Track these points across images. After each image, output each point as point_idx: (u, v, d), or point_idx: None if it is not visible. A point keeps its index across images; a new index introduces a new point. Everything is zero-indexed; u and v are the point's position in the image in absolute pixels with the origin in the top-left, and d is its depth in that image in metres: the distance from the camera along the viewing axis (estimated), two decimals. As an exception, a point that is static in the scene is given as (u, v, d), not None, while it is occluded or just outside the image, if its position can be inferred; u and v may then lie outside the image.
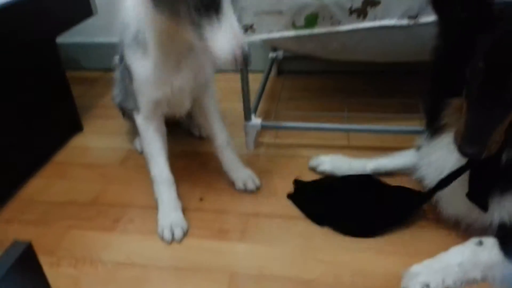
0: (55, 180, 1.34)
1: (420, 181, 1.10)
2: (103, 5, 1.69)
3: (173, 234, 1.07)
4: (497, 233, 0.92)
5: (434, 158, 0.99)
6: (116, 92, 1.33)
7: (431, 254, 0.93)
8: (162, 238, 1.08)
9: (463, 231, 1.00)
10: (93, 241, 1.09)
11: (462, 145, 0.80)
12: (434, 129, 0.99)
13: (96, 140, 1.54)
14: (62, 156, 1.45)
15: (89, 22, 1.65)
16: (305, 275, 0.96)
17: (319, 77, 1.80)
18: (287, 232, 1.08)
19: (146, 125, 1.12)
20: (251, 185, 1.22)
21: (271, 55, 1.80)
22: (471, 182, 0.90)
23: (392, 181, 1.18)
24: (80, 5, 1.58)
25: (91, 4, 1.62)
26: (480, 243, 0.91)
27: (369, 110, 1.48)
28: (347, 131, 1.43)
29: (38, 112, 1.40)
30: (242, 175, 1.23)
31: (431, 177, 1.03)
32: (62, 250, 1.07)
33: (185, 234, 1.09)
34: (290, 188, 1.21)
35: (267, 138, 1.44)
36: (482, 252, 0.90)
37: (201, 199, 1.21)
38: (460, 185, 0.92)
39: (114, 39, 1.78)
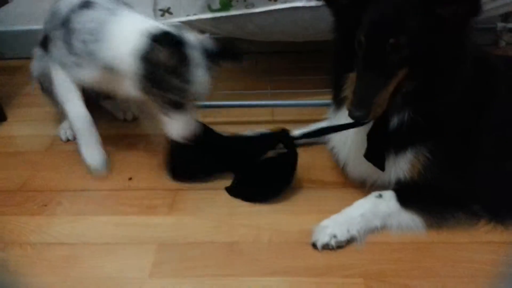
0: (-22, 170, 1.32)
1: (331, 149, 1.22)
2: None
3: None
4: (394, 187, 1.06)
5: None
6: (35, 65, 1.34)
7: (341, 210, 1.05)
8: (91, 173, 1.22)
9: (368, 189, 1.12)
10: (21, 226, 1.11)
11: (350, 110, 0.91)
12: (337, 101, 1.11)
13: (20, 129, 1.52)
14: (-15, 146, 1.43)
15: (7, 10, 1.61)
16: (228, 238, 1.04)
17: (244, 58, 1.87)
18: (212, 203, 1.15)
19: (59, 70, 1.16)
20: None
21: (198, 37, 1.85)
22: (368, 144, 1.03)
23: (309, 151, 1.29)
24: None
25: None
26: (380, 196, 1.04)
27: (290, 87, 1.58)
28: (270, 106, 1.53)
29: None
30: None
31: (338, 145, 1.16)
32: (-12, 236, 1.08)
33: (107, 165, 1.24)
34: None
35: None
36: (381, 204, 1.03)
37: (130, 179, 1.25)
38: (362, 150, 1.05)
39: (33, 26, 1.76)
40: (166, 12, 1.25)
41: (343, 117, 1.08)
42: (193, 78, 1.01)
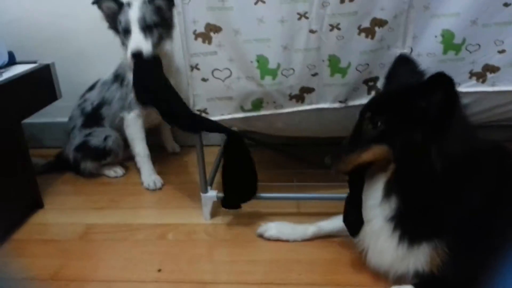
0: (14, 258, 1.36)
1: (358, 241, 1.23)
2: (67, 90, 1.83)
3: (155, 184, 1.69)
4: (413, 280, 1.06)
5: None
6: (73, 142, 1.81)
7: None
8: (148, 188, 1.69)
9: (392, 280, 1.11)
10: (52, 318, 1.12)
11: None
12: None
13: (56, 216, 1.58)
14: (22, 233, 1.48)
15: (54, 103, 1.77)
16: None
17: (269, 150, 1.96)
18: (241, 297, 1.15)
19: (135, 119, 1.72)
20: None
21: (226, 131, 1.96)
22: (344, 210, 1.18)
23: (333, 242, 1.32)
24: (46, 90, 1.70)
25: (56, 89, 1.74)
26: None
27: (316, 180, 1.63)
28: (296, 199, 1.57)
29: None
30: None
31: (362, 234, 1.17)
32: (20, 328, 1.09)
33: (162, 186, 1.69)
34: (247, 255, 1.31)
35: (222, 209, 1.54)
36: None
37: (159, 270, 1.27)
38: (381, 238, 1.07)
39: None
40: (203, 112, 1.36)
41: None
42: (129, 10, 1.50)
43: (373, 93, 1.33)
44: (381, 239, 1.08)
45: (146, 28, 1.51)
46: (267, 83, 1.30)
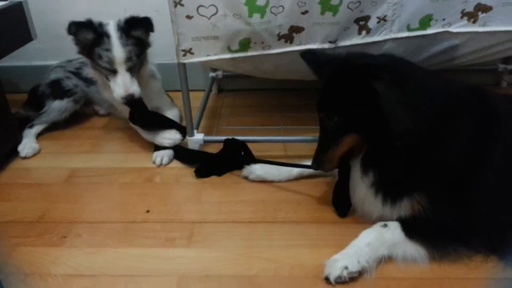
0: (-2, 202, 1.34)
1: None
2: (42, 30, 1.73)
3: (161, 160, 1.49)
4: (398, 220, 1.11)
5: None
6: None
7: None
8: (154, 163, 1.49)
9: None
10: (41, 257, 1.12)
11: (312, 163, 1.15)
12: None
13: (38, 161, 1.55)
14: (4, 178, 1.45)
15: (27, 45, 1.68)
16: (247, 272, 1.06)
17: (257, 94, 1.94)
18: (230, 235, 1.17)
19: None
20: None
21: (211, 74, 1.92)
22: (333, 193, 1.23)
23: (319, 182, 1.35)
24: (19, 30, 1.60)
25: (30, 29, 1.65)
26: (385, 225, 1.09)
27: (302, 124, 1.63)
28: (283, 142, 1.57)
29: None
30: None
31: (352, 188, 1.20)
32: (10, 267, 1.09)
33: (170, 161, 1.49)
34: (234, 196, 1.32)
35: (210, 151, 1.54)
36: (387, 233, 1.07)
37: (147, 211, 1.27)
38: (368, 207, 1.15)
39: (51, 62, 1.83)
40: (188, 52, 1.31)
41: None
42: (110, 46, 1.37)
43: (364, 33, 1.30)
44: (366, 204, 1.15)
45: (132, 67, 1.42)
46: (255, 22, 1.25)
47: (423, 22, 1.29)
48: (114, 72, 1.40)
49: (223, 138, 1.53)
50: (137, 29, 1.40)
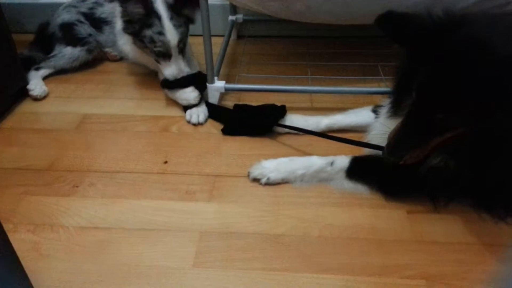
0: (5, 147, 1.25)
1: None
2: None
3: (198, 118, 1.33)
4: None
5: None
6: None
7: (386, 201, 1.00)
8: (190, 122, 1.33)
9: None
10: (51, 207, 1.04)
11: (385, 152, 0.89)
12: (396, 109, 0.99)
13: (46, 105, 1.44)
14: (11, 122, 1.36)
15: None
16: (274, 230, 0.97)
17: (280, 42, 1.79)
18: (254, 191, 1.08)
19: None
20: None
21: (231, 18, 1.77)
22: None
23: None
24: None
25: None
26: (331, 164, 1.07)
27: (331, 73, 1.50)
28: (310, 92, 1.45)
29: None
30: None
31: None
32: (18, 216, 1.01)
33: (206, 119, 1.34)
34: (258, 149, 1.22)
35: (231, 101, 1.42)
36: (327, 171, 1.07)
37: (165, 162, 1.18)
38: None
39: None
40: (210, -14, 1.17)
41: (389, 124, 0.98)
42: (163, 29, 1.26)
43: (411, -31, 1.13)
44: None
45: (183, 48, 1.34)
46: (289, -50, 1.09)
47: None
48: (167, 56, 1.31)
49: (244, 86, 1.42)
50: (187, 7, 1.30)
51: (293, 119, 1.27)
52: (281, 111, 1.28)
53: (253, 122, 1.29)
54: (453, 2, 1.21)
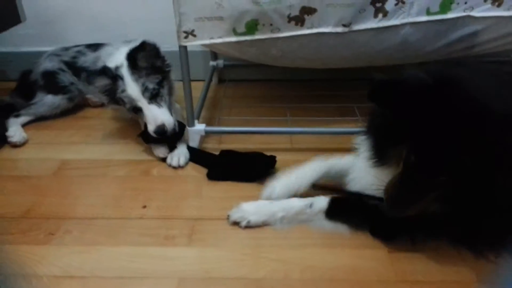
0: (-20, 194, 1.22)
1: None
2: (32, 15, 1.61)
3: (178, 161, 1.33)
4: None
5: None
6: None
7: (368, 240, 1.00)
8: (170, 165, 1.33)
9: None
10: (25, 256, 1.01)
11: (387, 206, 0.90)
12: (380, 160, 0.99)
13: (26, 151, 1.43)
14: (-12, 169, 1.34)
15: (16, 31, 1.56)
16: (255, 274, 0.96)
17: (259, 85, 1.84)
18: (234, 233, 1.07)
19: None
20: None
21: (212, 63, 1.82)
22: None
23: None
24: (7, 10, 1.48)
25: (19, 10, 1.53)
26: (311, 206, 1.07)
27: (309, 115, 1.53)
28: (289, 133, 1.47)
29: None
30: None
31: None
32: (-11, 267, 0.98)
33: (187, 162, 1.34)
34: (239, 191, 1.22)
35: (212, 144, 1.44)
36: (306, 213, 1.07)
37: (144, 207, 1.17)
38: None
39: (41, 48, 1.72)
40: (190, 34, 1.20)
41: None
42: (125, 87, 1.30)
43: (380, 16, 1.20)
44: None
45: (156, 96, 1.33)
46: (264, 1, 1.15)
47: (443, 5, 1.20)
48: (139, 109, 1.32)
49: (225, 129, 1.44)
50: (142, 59, 1.30)
51: (286, 183, 1.16)
52: (271, 161, 1.28)
53: (241, 170, 1.28)
54: (421, 46, 1.29)
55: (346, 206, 1.07)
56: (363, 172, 1.05)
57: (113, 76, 1.30)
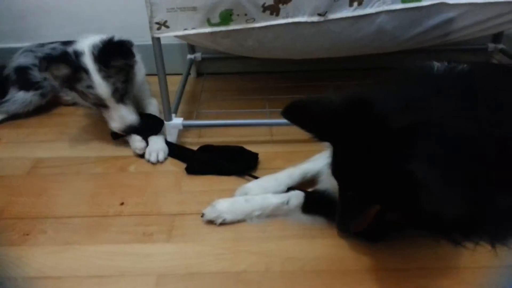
0: (-51, 197, 1.18)
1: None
2: (3, 10, 1.56)
3: (157, 157, 1.30)
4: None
5: None
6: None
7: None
8: (149, 160, 1.30)
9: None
10: (-1, 258, 0.98)
11: (336, 225, 0.95)
12: None
13: (-1, 151, 1.39)
14: (-42, 170, 1.29)
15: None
16: (235, 267, 0.95)
17: (238, 78, 1.82)
18: (214, 228, 1.06)
19: None
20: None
21: (189, 56, 1.79)
22: None
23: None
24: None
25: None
26: (287, 203, 1.06)
27: (288, 106, 1.52)
28: (268, 125, 1.46)
29: None
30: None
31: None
32: (-40, 271, 0.94)
33: (166, 157, 1.31)
34: (218, 184, 1.20)
35: (191, 138, 1.41)
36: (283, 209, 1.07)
37: (121, 204, 1.14)
38: None
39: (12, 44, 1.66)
40: (162, 25, 1.18)
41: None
42: (92, 83, 1.23)
43: (355, 4, 1.19)
44: None
45: (123, 95, 1.31)
46: (237, -10, 1.13)
47: (419, -8, 1.20)
48: (105, 106, 1.29)
49: (203, 122, 1.42)
50: (116, 59, 1.25)
51: (262, 183, 1.16)
52: (253, 159, 1.27)
53: (221, 166, 1.26)
54: (397, 34, 1.29)
55: (322, 200, 1.06)
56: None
57: (76, 66, 1.22)
